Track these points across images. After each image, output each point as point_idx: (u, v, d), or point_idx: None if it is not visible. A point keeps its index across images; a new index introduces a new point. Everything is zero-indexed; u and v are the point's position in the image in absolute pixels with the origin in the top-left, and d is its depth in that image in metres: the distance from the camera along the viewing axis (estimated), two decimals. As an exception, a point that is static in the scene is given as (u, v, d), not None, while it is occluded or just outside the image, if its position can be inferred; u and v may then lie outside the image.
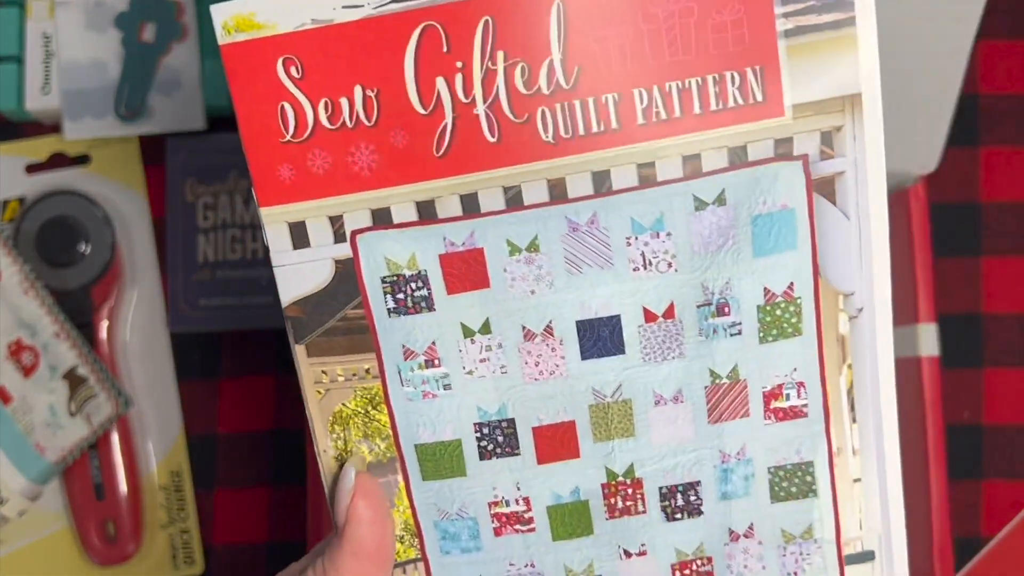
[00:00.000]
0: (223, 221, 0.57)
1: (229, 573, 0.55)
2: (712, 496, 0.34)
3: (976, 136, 0.56)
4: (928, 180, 0.49)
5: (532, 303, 0.32)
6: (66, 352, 0.53)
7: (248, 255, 0.57)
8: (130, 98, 0.56)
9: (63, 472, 0.54)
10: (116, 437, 0.55)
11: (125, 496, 0.55)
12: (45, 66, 0.56)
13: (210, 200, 0.57)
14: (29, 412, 0.53)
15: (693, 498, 0.34)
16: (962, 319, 0.55)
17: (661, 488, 0.34)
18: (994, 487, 0.54)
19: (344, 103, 0.31)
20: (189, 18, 0.56)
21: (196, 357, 0.56)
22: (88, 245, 0.55)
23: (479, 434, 0.33)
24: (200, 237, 0.57)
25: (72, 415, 0.53)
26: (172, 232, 0.57)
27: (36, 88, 0.56)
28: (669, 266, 0.32)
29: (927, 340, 0.50)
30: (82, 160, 0.57)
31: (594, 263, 0.32)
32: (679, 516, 0.34)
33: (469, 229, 0.32)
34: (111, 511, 0.54)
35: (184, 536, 0.55)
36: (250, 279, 0.56)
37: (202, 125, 0.56)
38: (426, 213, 0.32)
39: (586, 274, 0.32)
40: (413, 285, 0.32)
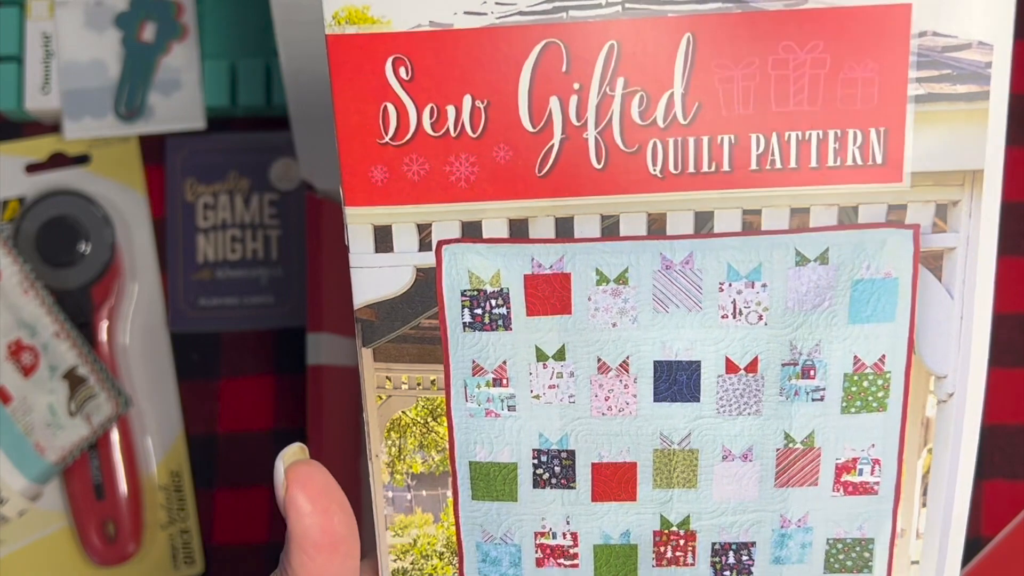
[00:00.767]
0: (223, 221, 0.57)
1: (229, 573, 0.55)
2: (765, 559, 0.33)
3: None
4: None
5: (612, 336, 0.31)
6: (66, 352, 0.53)
7: (248, 255, 0.56)
8: (130, 98, 0.56)
9: (63, 472, 0.54)
10: (116, 437, 0.55)
11: (125, 496, 0.55)
12: (45, 66, 0.56)
13: (210, 200, 0.57)
14: (29, 412, 0.53)
15: (745, 558, 0.33)
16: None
17: (714, 544, 0.33)
18: (995, 487, 0.54)
19: (451, 111, 0.30)
20: (189, 18, 0.56)
21: (196, 357, 0.56)
22: (88, 245, 0.55)
23: (536, 461, 0.32)
24: (200, 237, 0.57)
25: (72, 415, 0.53)
26: (172, 232, 0.57)
27: (36, 88, 0.56)
28: (759, 318, 0.31)
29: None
30: (82, 160, 0.57)
31: (682, 304, 0.31)
32: (727, 574, 0.33)
33: (559, 253, 0.31)
34: (111, 511, 0.54)
35: (184, 536, 0.55)
36: (250, 279, 0.56)
37: (202, 125, 0.56)
38: (518, 232, 0.31)
39: (672, 314, 0.31)
40: (493, 302, 0.31)
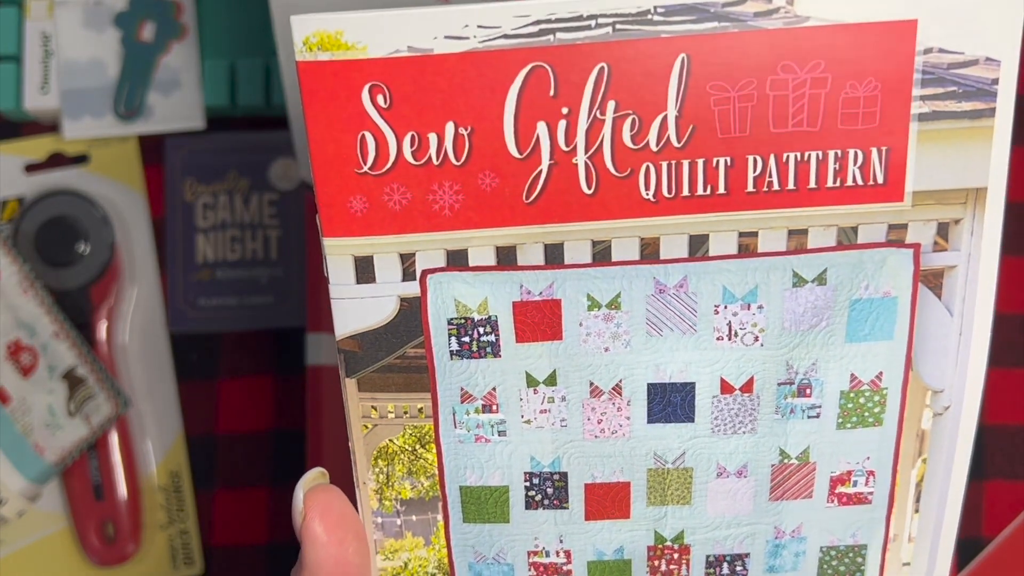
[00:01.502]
0: (222, 221, 0.57)
1: (229, 574, 0.55)
2: (759, 568, 0.33)
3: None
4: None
5: (604, 360, 0.31)
6: (65, 352, 0.53)
7: (248, 255, 0.56)
8: (129, 98, 0.56)
9: (62, 473, 0.54)
10: (115, 437, 0.55)
11: (124, 497, 0.54)
12: (44, 65, 0.56)
13: (209, 200, 0.57)
14: (28, 412, 0.53)
15: (739, 568, 0.33)
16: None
17: (708, 556, 0.33)
18: (995, 488, 0.54)
19: (432, 138, 0.29)
20: (188, 17, 0.56)
21: (195, 357, 0.56)
22: (87, 245, 0.55)
23: (528, 483, 0.32)
24: (199, 237, 0.57)
25: (71, 415, 0.53)
26: (171, 232, 0.57)
27: (35, 88, 0.56)
28: (755, 339, 0.31)
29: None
30: (81, 160, 0.57)
31: (677, 327, 0.30)
32: None
33: (549, 280, 0.30)
34: (110, 512, 0.54)
35: (183, 537, 0.55)
36: (250, 279, 0.56)
37: (201, 125, 0.56)
38: (505, 259, 0.30)
39: (666, 337, 0.31)
40: (481, 330, 0.31)
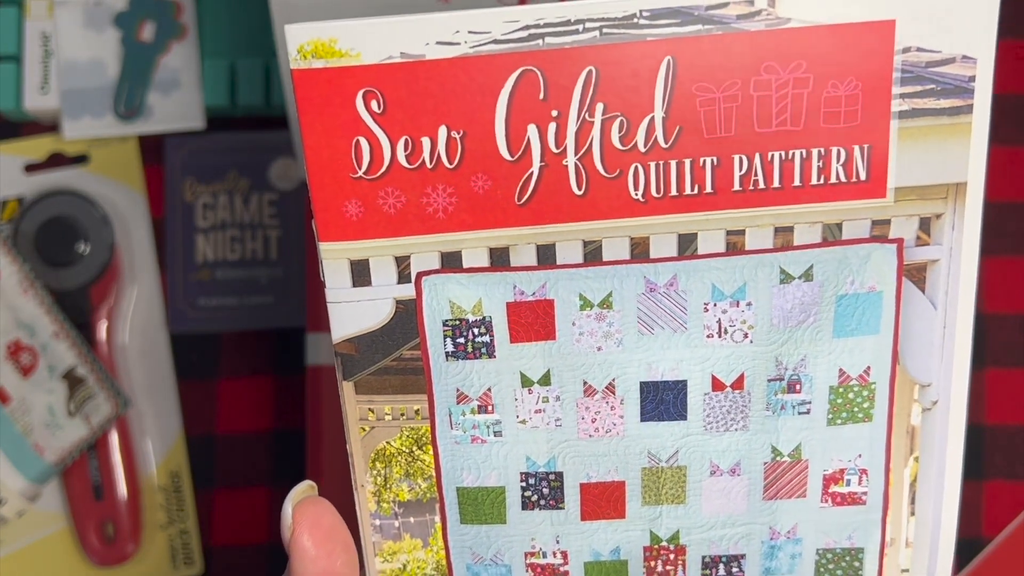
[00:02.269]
0: (222, 221, 0.57)
1: (228, 574, 0.55)
2: (755, 570, 0.33)
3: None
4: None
5: (597, 359, 0.31)
6: (65, 352, 0.53)
7: (247, 255, 0.56)
8: (129, 97, 0.56)
9: (62, 473, 0.54)
10: (115, 437, 0.55)
11: (124, 497, 0.54)
12: (44, 65, 0.56)
13: (209, 200, 0.57)
14: (28, 412, 0.53)
15: (736, 570, 0.33)
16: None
17: (704, 557, 0.33)
18: (995, 488, 0.54)
19: (426, 142, 0.29)
20: (188, 17, 0.56)
21: (195, 357, 0.56)
22: (87, 245, 0.55)
23: (524, 484, 0.32)
24: (199, 237, 0.57)
25: (71, 415, 0.53)
26: (171, 232, 0.57)
27: (35, 87, 0.56)
28: (745, 336, 0.31)
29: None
30: (81, 160, 0.57)
31: (667, 325, 0.31)
32: None
33: (542, 280, 0.31)
34: (110, 512, 0.54)
35: (183, 537, 0.55)
36: (249, 279, 0.56)
37: (201, 125, 0.56)
38: (499, 260, 0.31)
39: (657, 336, 0.31)
40: (476, 331, 0.31)
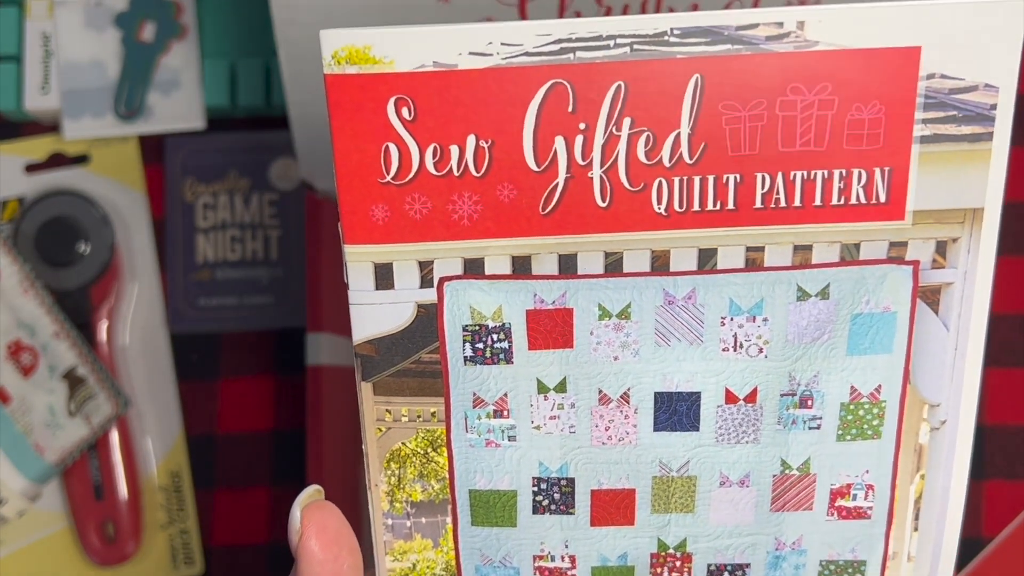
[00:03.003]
0: (222, 221, 0.57)
1: (229, 574, 0.55)
2: None
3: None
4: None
5: (613, 369, 0.32)
6: (65, 352, 0.53)
7: (248, 255, 0.56)
8: (129, 97, 0.56)
9: (62, 473, 0.54)
10: (115, 437, 0.55)
11: (124, 497, 0.54)
12: (44, 66, 0.56)
13: (209, 200, 0.57)
14: (28, 412, 0.53)
15: None
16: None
17: (710, 565, 0.33)
18: (995, 487, 0.54)
19: (454, 150, 0.30)
20: (188, 17, 0.56)
21: (195, 357, 0.56)
22: (87, 245, 0.55)
23: (536, 488, 0.33)
24: (199, 237, 0.57)
25: (71, 415, 0.53)
26: (171, 232, 0.57)
27: (35, 88, 0.56)
28: (760, 351, 0.31)
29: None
30: (81, 160, 0.57)
31: (684, 337, 0.31)
32: None
33: (562, 289, 0.31)
34: (110, 511, 0.54)
35: (184, 536, 0.55)
36: (250, 279, 0.56)
37: (202, 125, 0.56)
38: (520, 268, 0.31)
39: (673, 347, 0.31)
40: (495, 336, 0.32)
